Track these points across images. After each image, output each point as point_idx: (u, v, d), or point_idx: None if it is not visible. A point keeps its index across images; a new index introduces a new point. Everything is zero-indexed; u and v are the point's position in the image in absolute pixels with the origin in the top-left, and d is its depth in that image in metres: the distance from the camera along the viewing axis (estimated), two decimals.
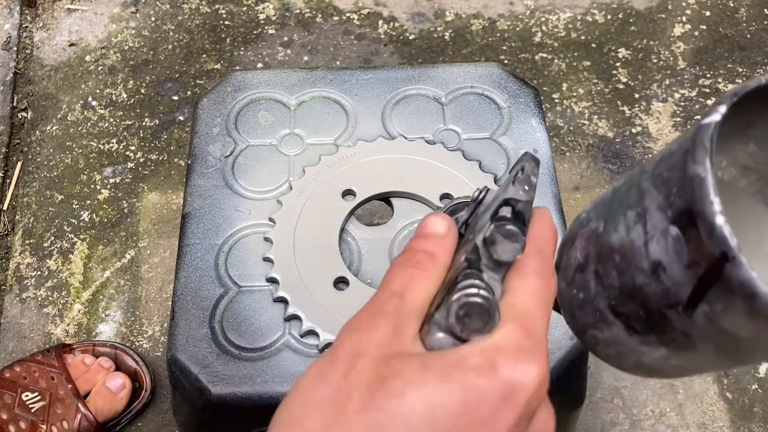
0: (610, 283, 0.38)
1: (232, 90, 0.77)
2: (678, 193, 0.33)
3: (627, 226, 0.37)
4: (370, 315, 0.33)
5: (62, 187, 1.14)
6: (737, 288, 0.31)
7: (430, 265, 0.34)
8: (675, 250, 0.33)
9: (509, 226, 0.34)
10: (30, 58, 1.29)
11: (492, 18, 1.36)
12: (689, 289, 0.33)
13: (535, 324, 0.33)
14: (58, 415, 0.85)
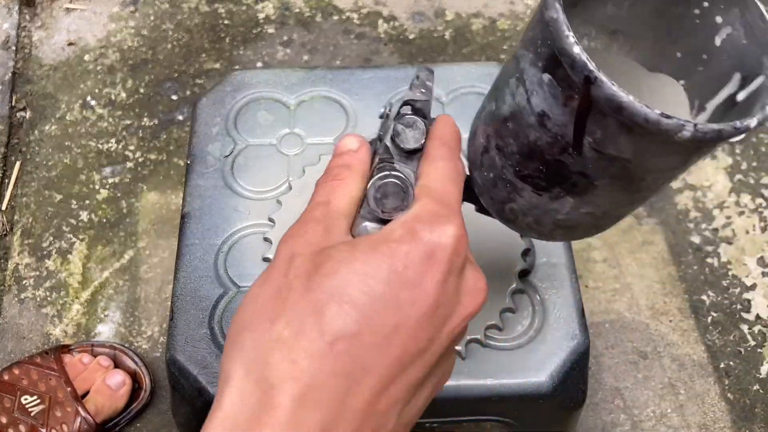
0: (510, 150, 0.42)
1: (231, 89, 0.77)
2: (542, 43, 0.37)
3: (512, 93, 0.41)
4: (301, 222, 0.36)
5: (61, 187, 1.13)
6: (606, 105, 0.34)
7: (347, 173, 0.38)
8: (551, 94, 0.37)
9: (408, 117, 0.39)
10: (28, 58, 1.29)
11: (492, 17, 1.35)
12: (572, 127, 0.37)
13: (447, 195, 0.36)
14: (57, 419, 0.85)
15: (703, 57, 0.44)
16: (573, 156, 0.38)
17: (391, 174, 0.36)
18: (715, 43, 0.43)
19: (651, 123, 0.34)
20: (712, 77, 0.43)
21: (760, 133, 1.21)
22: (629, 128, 0.35)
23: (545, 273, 0.65)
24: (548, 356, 0.61)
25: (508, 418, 0.64)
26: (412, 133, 0.38)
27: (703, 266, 1.07)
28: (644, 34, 0.45)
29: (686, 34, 0.44)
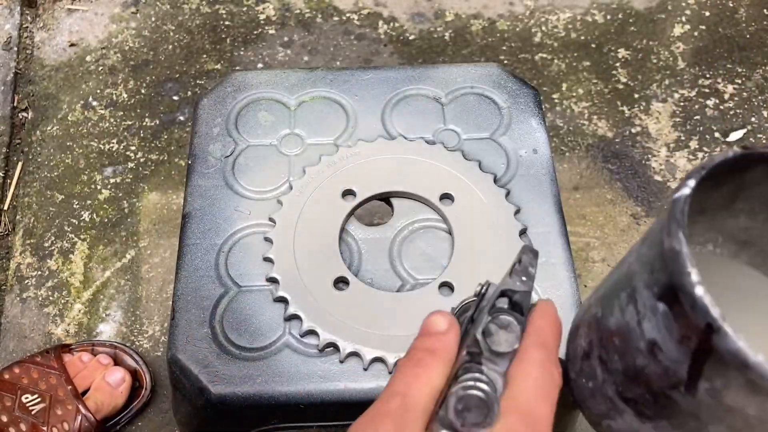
0: (614, 367, 0.38)
1: (232, 90, 0.77)
2: (659, 270, 0.33)
3: (621, 308, 0.37)
4: (373, 416, 0.33)
5: (63, 187, 1.14)
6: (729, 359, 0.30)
7: (431, 361, 0.34)
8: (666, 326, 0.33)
9: (503, 316, 0.35)
10: (30, 59, 1.29)
11: (492, 18, 1.36)
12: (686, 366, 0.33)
13: (538, 416, 0.32)
14: (58, 417, 0.85)
15: None
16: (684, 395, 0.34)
17: (477, 384, 0.33)
18: None
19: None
20: None
21: (758, 134, 1.21)
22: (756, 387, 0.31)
23: (544, 273, 0.65)
24: None
25: None
26: (506, 336, 0.35)
27: None
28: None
29: None
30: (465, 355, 0.35)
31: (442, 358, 0.35)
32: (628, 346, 0.36)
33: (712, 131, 1.21)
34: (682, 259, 0.31)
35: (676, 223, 0.32)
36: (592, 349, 0.40)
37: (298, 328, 0.62)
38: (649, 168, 1.17)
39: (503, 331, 0.35)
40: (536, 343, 0.35)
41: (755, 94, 1.26)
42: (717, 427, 0.35)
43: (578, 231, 1.09)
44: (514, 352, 0.35)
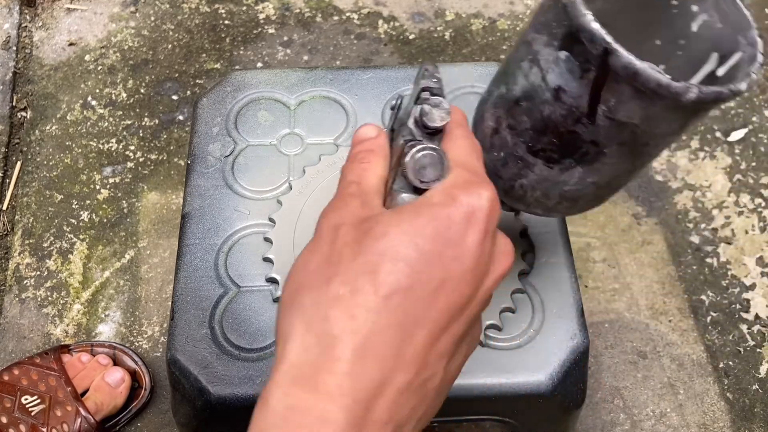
0: (524, 128, 0.46)
1: (231, 89, 0.77)
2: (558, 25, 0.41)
3: (525, 74, 0.45)
4: (339, 198, 0.39)
5: (62, 186, 1.14)
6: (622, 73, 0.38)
7: (372, 157, 0.41)
8: (568, 69, 0.41)
9: (434, 98, 0.41)
10: (29, 58, 1.29)
11: (492, 17, 1.36)
12: (587, 97, 0.41)
13: (476, 166, 0.39)
14: (58, 418, 0.85)
15: (681, 43, 0.49)
16: (586, 125, 0.43)
17: (427, 147, 0.38)
18: (692, 29, 0.48)
19: (662, 87, 0.38)
20: (690, 59, 0.48)
21: (759, 133, 1.21)
22: (642, 93, 0.39)
23: (545, 273, 0.65)
24: (548, 356, 0.61)
25: (507, 417, 0.64)
26: (439, 112, 0.40)
27: (703, 266, 1.07)
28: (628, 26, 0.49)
29: (665, 25, 0.49)
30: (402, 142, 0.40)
31: (380, 153, 0.41)
32: (534, 103, 0.44)
33: (713, 131, 1.21)
34: (578, 6, 0.39)
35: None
36: (500, 123, 0.48)
37: None
38: (650, 168, 1.17)
39: (436, 109, 0.40)
40: (457, 124, 0.41)
41: (756, 93, 1.25)
42: (611, 147, 0.44)
43: (579, 231, 1.09)
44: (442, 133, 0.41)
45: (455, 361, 0.37)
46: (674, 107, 0.40)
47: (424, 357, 0.34)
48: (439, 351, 0.35)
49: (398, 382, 0.33)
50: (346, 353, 0.32)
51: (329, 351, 0.32)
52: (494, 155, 0.49)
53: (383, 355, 0.33)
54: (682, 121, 0.43)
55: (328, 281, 0.34)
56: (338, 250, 0.35)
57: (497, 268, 0.37)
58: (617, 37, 0.47)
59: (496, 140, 0.48)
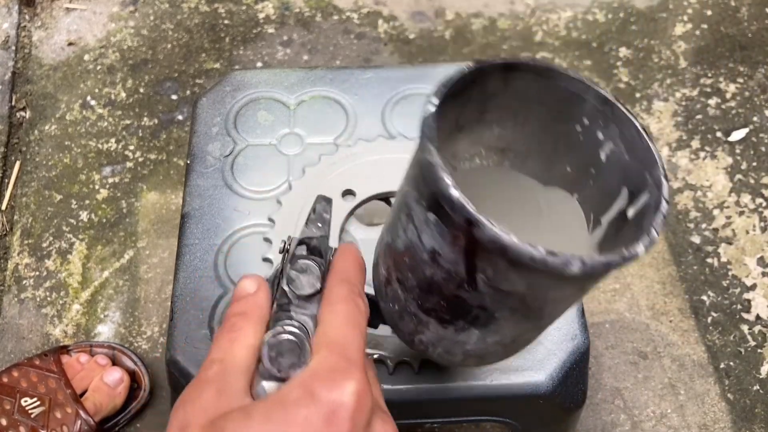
0: (411, 284, 0.41)
1: (231, 89, 0.77)
2: (423, 184, 0.37)
3: (404, 229, 0.40)
4: (195, 385, 0.34)
5: (61, 186, 1.13)
6: (491, 247, 0.34)
7: (244, 323, 0.36)
8: (439, 233, 0.37)
9: (302, 261, 0.38)
10: (28, 58, 1.29)
11: (492, 17, 1.35)
12: (463, 264, 0.37)
13: (347, 344, 0.34)
14: (58, 420, 0.85)
15: (591, 171, 0.44)
16: (469, 291, 0.38)
17: (285, 330, 0.35)
18: (601, 158, 0.43)
19: (538, 262, 0.33)
20: (603, 191, 0.44)
21: (760, 133, 1.21)
22: (518, 266, 0.35)
23: None
24: (548, 356, 0.61)
25: (508, 418, 0.64)
26: (306, 278, 0.37)
27: (703, 266, 1.07)
28: (534, 150, 0.46)
29: (573, 150, 0.44)
30: (275, 308, 0.37)
31: (254, 317, 0.37)
32: (416, 261, 0.40)
33: (714, 130, 1.21)
34: (436, 169, 0.34)
35: (427, 138, 0.35)
36: (391, 274, 0.43)
37: None
38: None
39: (303, 275, 0.37)
40: (339, 281, 0.37)
41: (757, 93, 1.25)
42: (502, 312, 0.39)
43: None
44: (320, 295, 0.37)
45: None
46: (558, 278, 0.35)
47: None
48: None
49: None
50: None
51: None
52: (390, 306, 0.45)
53: None
54: (575, 287, 0.39)
55: None
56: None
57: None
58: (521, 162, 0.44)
59: (390, 291, 0.44)
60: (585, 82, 0.41)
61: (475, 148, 0.45)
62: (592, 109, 0.42)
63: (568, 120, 0.43)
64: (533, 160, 0.46)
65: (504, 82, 0.41)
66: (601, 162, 0.43)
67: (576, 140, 0.44)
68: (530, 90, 0.42)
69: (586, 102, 0.42)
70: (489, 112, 0.43)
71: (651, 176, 0.40)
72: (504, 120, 0.44)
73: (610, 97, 0.41)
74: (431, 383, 0.60)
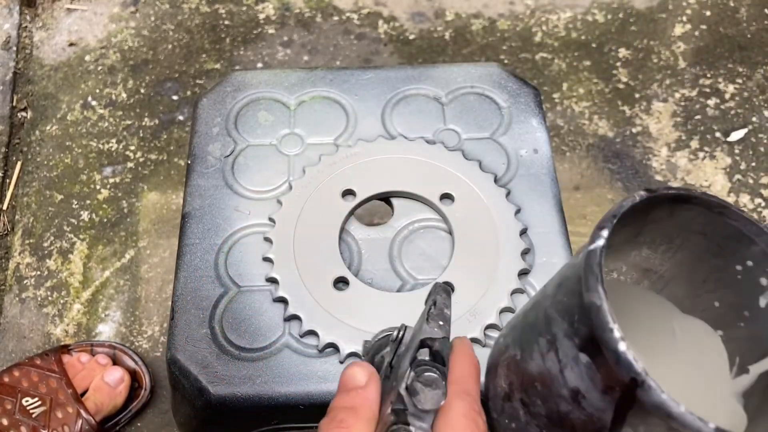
0: (537, 411, 0.38)
1: (231, 90, 0.77)
2: (580, 321, 0.33)
3: (541, 354, 0.36)
4: None
5: (62, 186, 1.14)
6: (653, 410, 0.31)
7: (353, 421, 0.34)
8: (589, 376, 0.33)
9: (428, 373, 0.35)
10: (29, 58, 1.29)
11: (492, 18, 1.36)
12: (610, 414, 0.33)
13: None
14: (59, 420, 0.85)
15: (744, 314, 0.40)
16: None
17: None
18: (760, 304, 0.40)
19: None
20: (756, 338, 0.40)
21: (759, 134, 1.21)
22: None
23: (545, 273, 0.65)
24: None
25: None
26: (432, 394, 0.34)
27: None
28: (679, 277, 0.43)
29: (726, 287, 0.41)
30: (390, 414, 0.34)
31: (364, 415, 0.34)
32: (550, 392, 0.36)
33: (713, 131, 1.21)
34: (603, 314, 0.31)
35: (594, 277, 0.32)
36: (513, 392, 0.39)
37: (298, 329, 0.61)
38: (650, 168, 1.17)
39: (429, 389, 0.34)
40: (458, 393, 0.35)
41: (756, 93, 1.25)
42: None
43: (579, 231, 1.09)
44: None
45: None
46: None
47: None
48: None
49: None
50: None
51: None
52: (506, 423, 0.41)
53: None
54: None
55: None
56: None
57: None
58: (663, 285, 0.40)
59: (508, 408, 0.41)
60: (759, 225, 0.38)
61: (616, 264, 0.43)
62: (760, 254, 0.39)
63: (729, 258, 0.40)
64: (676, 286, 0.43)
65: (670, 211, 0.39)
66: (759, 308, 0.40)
67: (733, 279, 0.40)
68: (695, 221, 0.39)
69: (755, 245, 0.39)
70: (643, 235, 0.41)
71: None
72: (656, 244, 0.42)
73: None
74: None
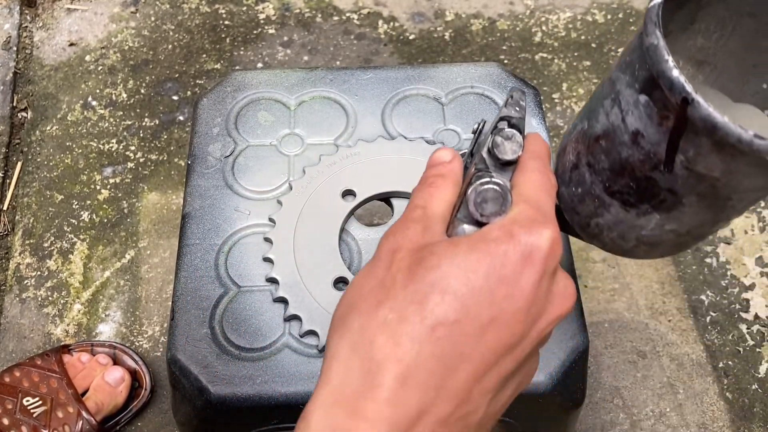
0: (602, 167, 0.44)
1: (232, 90, 0.77)
2: (640, 67, 0.39)
3: (606, 113, 0.43)
4: (402, 221, 0.38)
5: (62, 187, 1.14)
6: (701, 125, 0.36)
7: (442, 182, 0.40)
8: (647, 114, 0.39)
9: (508, 130, 0.41)
10: (30, 58, 1.29)
11: (492, 18, 1.36)
12: (665, 145, 0.39)
13: (542, 203, 0.38)
14: (59, 420, 0.85)
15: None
16: (663, 173, 0.40)
17: (492, 180, 0.38)
18: None
19: (744, 143, 0.35)
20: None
21: None
22: (722, 147, 0.36)
23: None
24: (547, 356, 0.61)
25: (507, 417, 0.64)
26: (510, 145, 0.40)
27: (702, 266, 1.07)
28: (731, 66, 0.46)
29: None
30: (473, 170, 0.40)
31: (451, 179, 0.40)
32: (613, 143, 0.42)
33: None
34: (660, 50, 0.37)
35: (653, 23, 0.38)
36: (580, 159, 0.46)
37: (298, 329, 0.61)
38: None
39: (508, 141, 0.40)
40: (533, 156, 0.41)
41: None
42: (690, 198, 0.41)
43: None
44: (515, 164, 0.40)
45: (501, 397, 0.36)
46: (758, 164, 0.37)
47: (467, 391, 0.34)
48: (484, 387, 0.34)
49: (438, 413, 0.33)
50: (387, 380, 0.32)
51: (371, 376, 0.32)
52: (572, 190, 0.47)
53: (425, 385, 0.33)
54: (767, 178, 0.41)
55: (377, 306, 0.34)
56: (392, 275, 0.35)
57: (554, 309, 0.36)
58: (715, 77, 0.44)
59: (575, 175, 0.46)
60: None
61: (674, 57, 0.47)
62: None
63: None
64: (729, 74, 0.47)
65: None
66: None
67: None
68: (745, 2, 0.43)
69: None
70: (698, 22, 0.44)
71: None
72: (710, 31, 0.45)
73: None
74: None
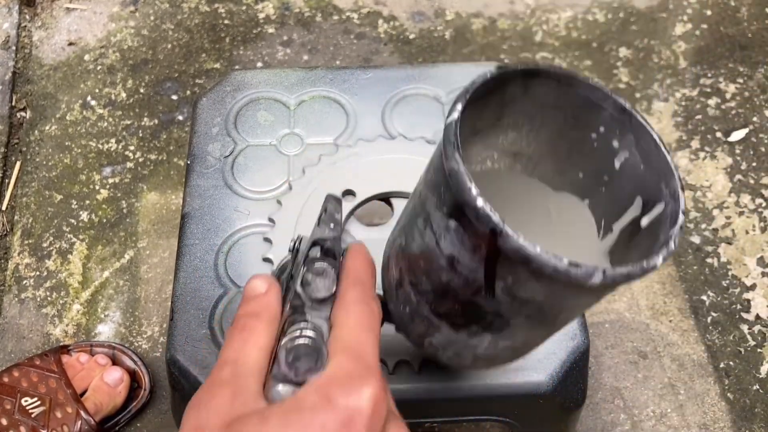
0: (424, 288, 0.42)
1: (231, 89, 0.77)
2: (445, 190, 0.37)
3: (420, 233, 0.40)
4: (208, 387, 0.34)
5: (61, 187, 1.13)
6: (514, 256, 0.34)
7: (256, 324, 0.36)
8: (459, 240, 0.37)
9: (317, 264, 0.37)
10: (29, 58, 1.29)
11: (492, 17, 1.35)
12: (482, 271, 0.37)
13: (363, 349, 0.34)
14: (58, 420, 0.85)
15: (604, 178, 0.44)
16: (486, 298, 0.38)
17: (303, 333, 0.34)
18: (615, 166, 0.43)
19: (561, 273, 0.34)
20: (615, 199, 0.44)
21: (760, 133, 1.21)
22: (539, 276, 0.35)
23: None
24: (548, 356, 0.61)
25: (508, 417, 0.64)
26: (323, 282, 0.37)
27: (703, 266, 1.07)
28: (546, 156, 0.46)
29: (586, 156, 0.45)
30: (288, 310, 0.36)
31: (266, 318, 0.36)
32: (432, 265, 0.40)
33: (714, 131, 1.21)
34: (462, 177, 0.35)
35: (451, 145, 0.36)
36: (403, 276, 0.43)
37: None
38: None
39: (319, 278, 0.37)
40: (352, 283, 0.37)
41: (757, 93, 1.25)
42: (517, 320, 0.40)
43: None
44: (333, 297, 0.37)
45: None
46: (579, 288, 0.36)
47: None
48: None
49: None
50: None
51: None
52: (401, 309, 0.45)
53: None
54: (593, 297, 0.40)
55: None
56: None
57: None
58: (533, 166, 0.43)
59: (401, 294, 0.44)
60: (604, 90, 0.42)
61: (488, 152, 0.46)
62: (609, 118, 0.42)
63: (584, 127, 0.44)
64: (545, 165, 0.47)
65: (524, 87, 0.42)
66: (615, 170, 0.43)
67: (590, 147, 0.44)
68: (549, 96, 0.42)
69: (603, 110, 0.42)
70: (506, 117, 0.44)
71: (667, 187, 0.40)
72: (519, 125, 0.45)
73: (629, 107, 0.42)
74: (431, 383, 0.60)
